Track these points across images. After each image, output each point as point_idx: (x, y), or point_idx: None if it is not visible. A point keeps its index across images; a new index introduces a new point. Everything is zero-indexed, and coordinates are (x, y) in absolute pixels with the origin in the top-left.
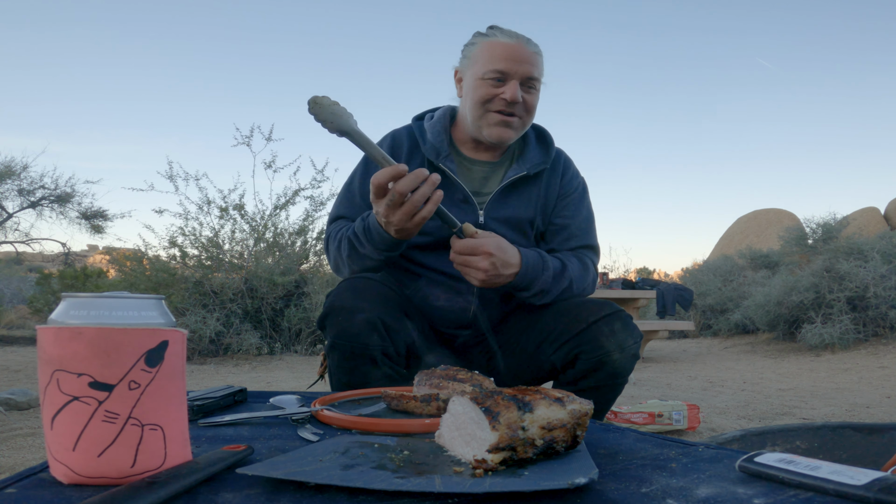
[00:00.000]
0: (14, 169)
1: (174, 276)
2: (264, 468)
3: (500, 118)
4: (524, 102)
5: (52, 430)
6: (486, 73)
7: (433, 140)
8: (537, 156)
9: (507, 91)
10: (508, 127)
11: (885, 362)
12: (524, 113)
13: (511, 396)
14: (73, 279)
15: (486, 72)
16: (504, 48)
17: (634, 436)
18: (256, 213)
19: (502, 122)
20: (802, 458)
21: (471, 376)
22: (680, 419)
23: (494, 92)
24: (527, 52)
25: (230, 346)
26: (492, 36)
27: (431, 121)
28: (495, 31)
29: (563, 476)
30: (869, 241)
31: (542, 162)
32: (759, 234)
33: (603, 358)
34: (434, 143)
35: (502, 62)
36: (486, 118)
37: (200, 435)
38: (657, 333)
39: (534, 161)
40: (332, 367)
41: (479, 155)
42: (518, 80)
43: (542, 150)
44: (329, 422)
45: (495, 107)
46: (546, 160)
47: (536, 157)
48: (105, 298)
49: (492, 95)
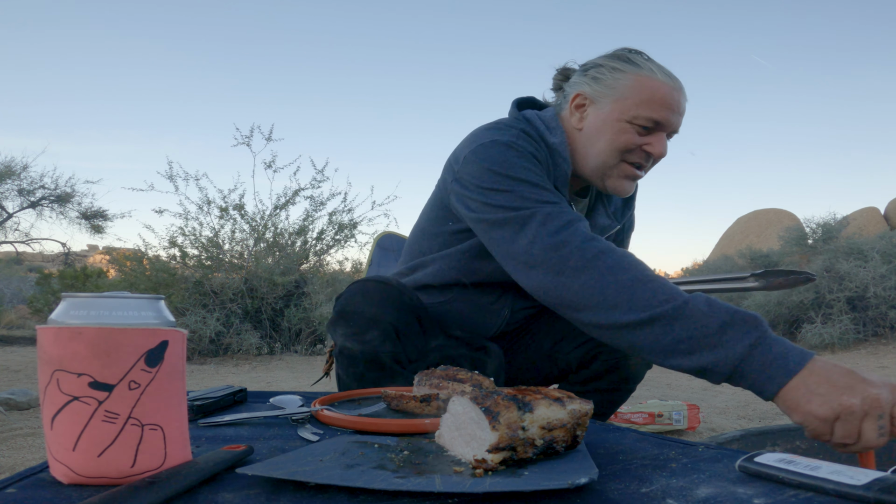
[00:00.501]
0: (14, 169)
1: (174, 276)
2: (264, 468)
3: (632, 171)
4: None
5: (52, 430)
6: (638, 117)
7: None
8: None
9: (655, 145)
10: (633, 181)
11: (885, 362)
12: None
13: (511, 396)
14: (73, 279)
15: (637, 116)
16: (664, 92)
17: (634, 436)
18: (256, 213)
19: (632, 175)
20: (802, 458)
21: (471, 376)
22: (680, 419)
23: (639, 141)
24: (683, 101)
25: (230, 346)
26: (646, 69)
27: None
28: (650, 64)
29: (563, 476)
30: (869, 241)
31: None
32: (759, 234)
33: (620, 362)
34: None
35: (661, 110)
36: (618, 168)
37: (200, 435)
38: None
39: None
40: (341, 373)
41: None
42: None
43: None
44: (329, 422)
45: (633, 158)
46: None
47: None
48: (105, 298)
49: (636, 145)
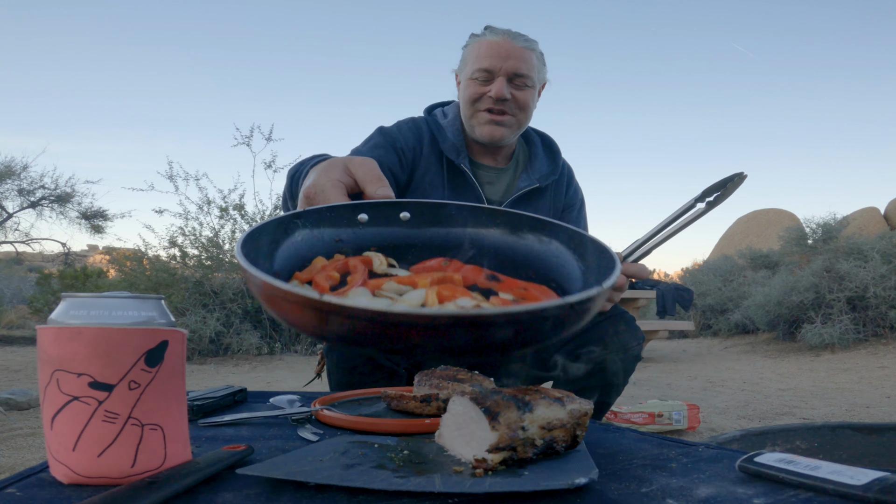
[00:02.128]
0: (14, 169)
1: (174, 276)
2: (264, 468)
3: (490, 116)
4: (515, 99)
5: (52, 430)
6: (474, 72)
7: (453, 139)
8: (545, 166)
9: (493, 88)
10: (499, 125)
11: (885, 362)
12: (517, 110)
13: (511, 396)
14: (73, 279)
15: (473, 71)
16: (490, 46)
17: (634, 436)
18: (256, 213)
19: (492, 120)
20: (802, 458)
21: (471, 376)
22: (680, 419)
23: (482, 90)
24: (514, 47)
25: (230, 346)
26: (482, 36)
27: (447, 119)
28: (486, 31)
29: (563, 476)
30: (869, 241)
31: (551, 173)
32: (759, 234)
33: (606, 358)
34: (455, 142)
35: (487, 59)
36: (476, 117)
37: (200, 435)
38: (657, 333)
39: (543, 172)
40: (331, 368)
41: (483, 159)
42: (504, 77)
43: (549, 161)
44: (329, 422)
45: (484, 105)
46: (555, 171)
47: (545, 167)
48: (105, 298)
49: (479, 94)
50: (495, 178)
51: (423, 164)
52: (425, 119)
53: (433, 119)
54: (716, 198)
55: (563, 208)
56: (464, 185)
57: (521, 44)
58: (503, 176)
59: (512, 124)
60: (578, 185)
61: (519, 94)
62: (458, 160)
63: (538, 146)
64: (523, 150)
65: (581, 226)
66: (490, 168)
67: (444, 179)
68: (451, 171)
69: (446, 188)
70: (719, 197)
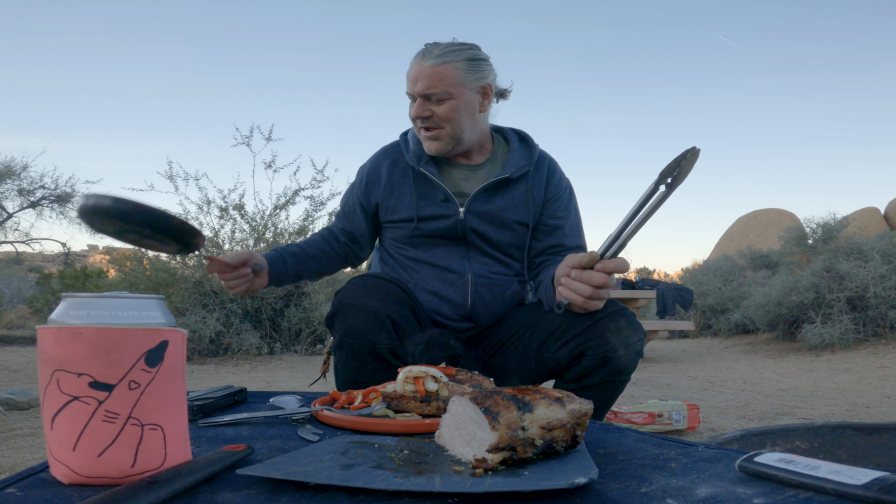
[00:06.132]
0: (14, 169)
1: (174, 276)
2: (264, 468)
3: (425, 134)
4: (436, 115)
5: (52, 430)
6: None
7: (415, 148)
8: (521, 159)
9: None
10: (434, 139)
11: (885, 362)
12: (443, 124)
13: (511, 396)
14: (73, 279)
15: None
16: (409, 70)
17: (634, 436)
18: (256, 213)
19: (427, 137)
20: (802, 458)
21: (471, 376)
22: (680, 419)
23: (411, 111)
24: (422, 69)
25: (230, 346)
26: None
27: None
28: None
29: (563, 476)
30: (869, 241)
31: (525, 165)
32: (759, 234)
33: (608, 354)
34: (416, 150)
35: (408, 84)
36: (419, 134)
37: (200, 435)
38: (657, 333)
39: (517, 164)
40: (339, 365)
41: (458, 159)
42: (420, 97)
43: (525, 154)
44: (329, 422)
45: (417, 124)
46: (529, 163)
47: (520, 160)
48: (105, 298)
49: (412, 116)
50: (471, 175)
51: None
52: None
53: (403, 138)
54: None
55: (547, 200)
56: (429, 186)
57: (432, 62)
58: (479, 172)
59: (442, 136)
60: (563, 176)
61: (438, 108)
62: (420, 165)
63: (515, 142)
64: (502, 148)
65: (570, 216)
66: (465, 166)
67: (412, 187)
68: (417, 177)
69: (412, 195)
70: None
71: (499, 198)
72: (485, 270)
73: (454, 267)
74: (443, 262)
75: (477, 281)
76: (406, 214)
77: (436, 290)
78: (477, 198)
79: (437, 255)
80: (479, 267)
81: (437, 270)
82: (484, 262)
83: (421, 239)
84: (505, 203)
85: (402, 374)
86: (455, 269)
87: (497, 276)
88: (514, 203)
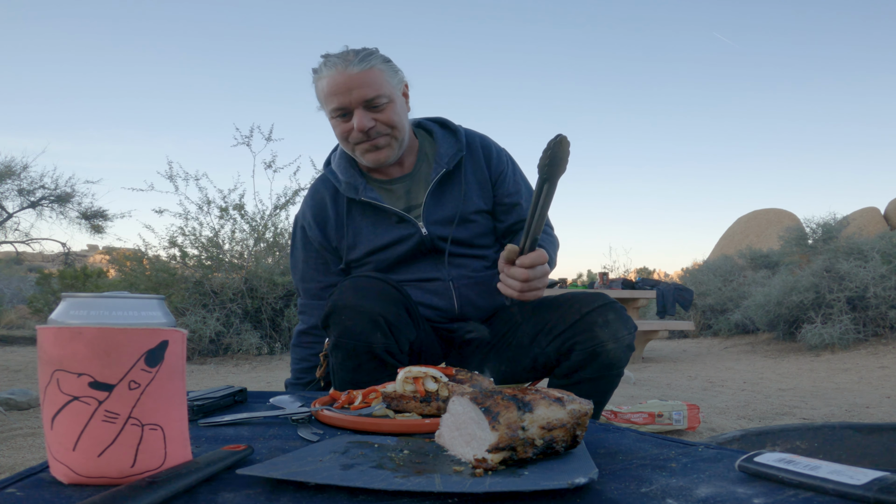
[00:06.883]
0: (14, 169)
1: (174, 276)
2: (264, 468)
3: (366, 146)
4: (380, 122)
5: (52, 430)
6: (331, 112)
7: (346, 178)
8: (450, 147)
9: (354, 123)
10: (379, 149)
11: (885, 362)
12: (388, 130)
13: (511, 396)
14: (73, 279)
15: (330, 111)
16: (330, 83)
17: (634, 436)
18: (256, 213)
19: (369, 148)
20: (802, 458)
21: (471, 376)
22: (680, 419)
23: (347, 127)
24: (352, 76)
25: (230, 346)
26: (320, 73)
27: (336, 161)
28: (322, 66)
29: (563, 476)
30: (869, 241)
31: (456, 153)
32: (759, 234)
33: (597, 348)
34: (348, 180)
35: (335, 98)
36: (356, 150)
37: (200, 435)
38: (657, 333)
39: (448, 154)
40: (335, 366)
41: (391, 173)
42: (359, 107)
43: (451, 140)
44: (329, 422)
45: (355, 139)
46: (459, 148)
47: (449, 149)
48: (105, 298)
49: (347, 131)
50: (411, 184)
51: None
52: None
53: (329, 170)
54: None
55: (494, 179)
56: (377, 213)
57: (358, 68)
58: (417, 177)
59: (389, 143)
60: (501, 150)
61: (380, 115)
62: (359, 195)
63: (437, 132)
64: (428, 143)
65: (521, 186)
66: (402, 178)
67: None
68: (364, 208)
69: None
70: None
71: (448, 195)
72: (464, 272)
73: (432, 276)
74: (421, 276)
75: (459, 284)
76: (367, 248)
77: (421, 300)
78: (428, 206)
79: (413, 271)
80: (457, 270)
81: (418, 283)
82: (460, 263)
83: (392, 265)
84: (456, 198)
85: (402, 374)
86: (434, 278)
87: (477, 273)
88: (464, 194)
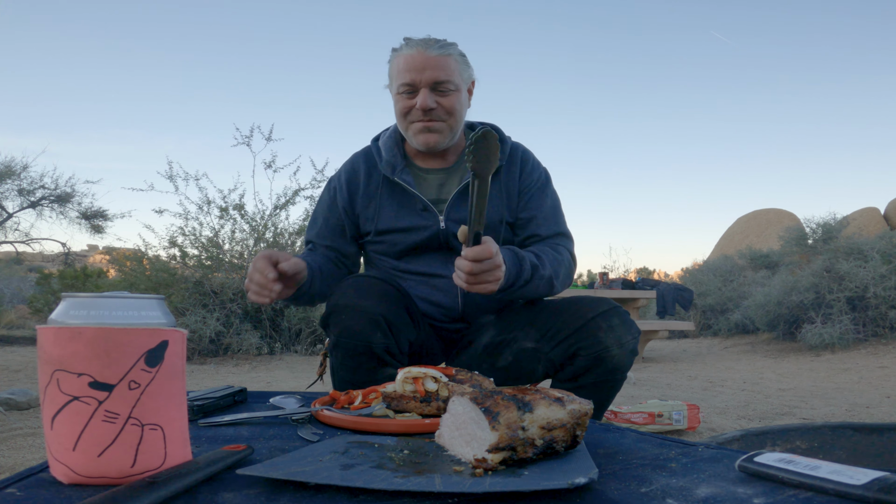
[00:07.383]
0: (14, 169)
1: (174, 276)
2: (264, 468)
3: (422, 125)
4: (441, 106)
5: (52, 430)
6: (399, 87)
7: (388, 157)
8: None
9: (418, 100)
10: (432, 132)
11: (885, 362)
12: (446, 116)
13: (511, 396)
14: (73, 279)
15: (398, 86)
16: (406, 60)
17: (634, 436)
18: (256, 213)
19: (424, 128)
20: (802, 458)
21: (471, 376)
22: (680, 419)
23: (409, 103)
24: (429, 57)
25: (230, 346)
26: (400, 50)
27: (384, 139)
28: (403, 45)
29: (563, 476)
30: (869, 241)
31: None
32: (759, 234)
33: (602, 353)
34: (389, 159)
35: (407, 74)
36: (410, 129)
37: (200, 435)
38: (657, 333)
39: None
40: (336, 366)
41: (431, 164)
42: (427, 87)
43: None
44: (329, 422)
45: (414, 117)
46: (501, 157)
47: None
48: (105, 298)
49: (408, 107)
50: (446, 178)
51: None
52: (367, 149)
53: (374, 145)
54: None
55: (521, 192)
56: (406, 196)
57: (436, 52)
58: (453, 174)
59: (443, 129)
60: (537, 164)
61: (444, 100)
62: (395, 174)
63: None
64: None
65: (546, 205)
66: (440, 170)
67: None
68: (394, 188)
69: (391, 206)
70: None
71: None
72: None
73: (441, 273)
74: (429, 270)
75: None
76: (385, 226)
77: (425, 296)
78: (454, 204)
79: (422, 264)
80: None
81: (424, 278)
82: None
83: (403, 251)
84: None
85: (402, 375)
86: (442, 275)
87: None
88: (491, 202)
